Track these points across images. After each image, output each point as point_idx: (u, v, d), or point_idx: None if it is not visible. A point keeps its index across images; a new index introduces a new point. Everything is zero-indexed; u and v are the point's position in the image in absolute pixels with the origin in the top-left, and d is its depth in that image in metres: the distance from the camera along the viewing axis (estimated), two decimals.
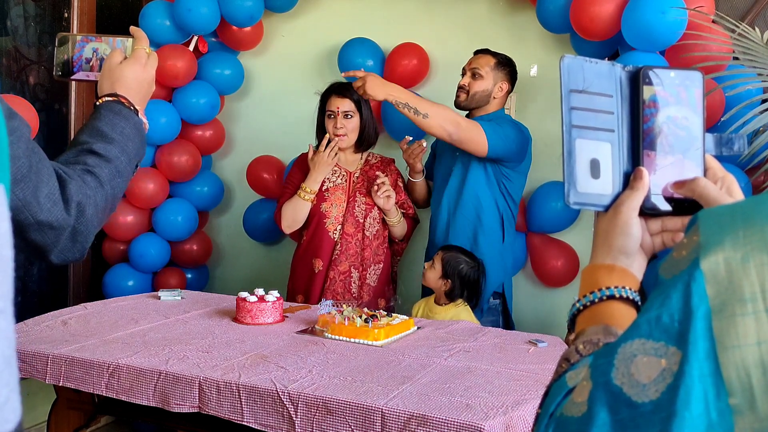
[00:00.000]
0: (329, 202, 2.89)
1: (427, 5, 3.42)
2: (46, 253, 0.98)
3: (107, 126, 1.12)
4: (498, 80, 2.86)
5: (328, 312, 2.30)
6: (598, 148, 0.78)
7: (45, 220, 0.93)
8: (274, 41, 3.71)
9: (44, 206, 0.93)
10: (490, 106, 2.87)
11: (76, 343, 2.07)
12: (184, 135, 3.50)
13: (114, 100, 1.18)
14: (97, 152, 1.08)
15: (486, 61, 2.85)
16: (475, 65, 2.85)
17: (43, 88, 3.31)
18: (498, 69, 2.85)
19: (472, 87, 2.84)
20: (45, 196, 0.93)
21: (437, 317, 2.66)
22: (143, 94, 1.23)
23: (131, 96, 1.20)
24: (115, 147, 1.10)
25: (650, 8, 2.51)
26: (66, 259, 1.01)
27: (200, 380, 1.83)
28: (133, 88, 1.21)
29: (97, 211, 1.02)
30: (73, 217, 0.98)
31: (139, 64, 1.23)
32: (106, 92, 1.20)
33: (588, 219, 3.22)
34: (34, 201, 0.91)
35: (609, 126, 0.78)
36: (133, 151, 1.14)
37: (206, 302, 2.70)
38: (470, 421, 1.56)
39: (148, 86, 1.25)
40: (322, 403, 1.69)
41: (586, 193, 0.77)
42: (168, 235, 3.47)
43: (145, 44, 1.26)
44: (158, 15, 3.29)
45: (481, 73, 2.83)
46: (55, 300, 3.37)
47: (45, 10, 3.30)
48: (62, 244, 0.98)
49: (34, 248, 0.96)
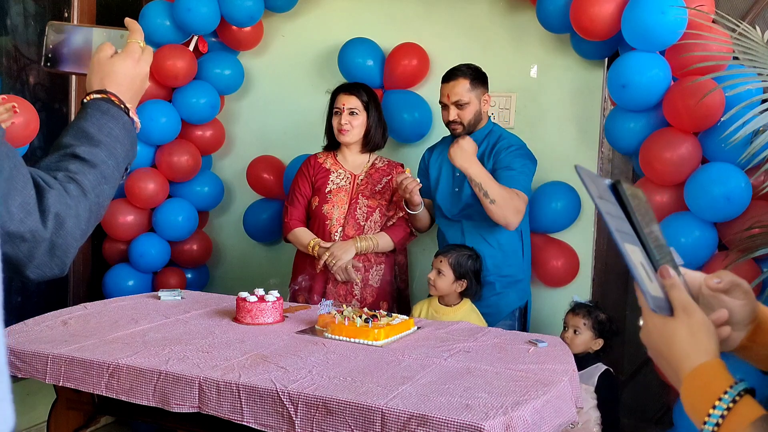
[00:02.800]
0: (331, 203, 2.89)
1: (427, 5, 3.42)
2: (21, 267, 0.89)
3: (93, 127, 1.03)
4: (479, 96, 2.83)
5: (328, 312, 2.30)
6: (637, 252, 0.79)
7: (16, 231, 0.85)
8: (274, 41, 3.72)
9: (15, 216, 0.84)
10: (483, 121, 2.87)
11: (76, 343, 2.07)
12: (184, 135, 3.50)
13: (103, 98, 1.08)
14: (82, 156, 0.99)
15: (462, 87, 2.79)
16: (455, 97, 2.79)
17: (43, 88, 3.31)
18: (474, 86, 2.80)
19: (463, 118, 2.81)
20: (18, 205, 0.85)
21: (445, 318, 2.65)
22: (135, 91, 1.13)
23: (122, 93, 1.10)
24: (101, 150, 1.01)
25: (650, 8, 2.51)
26: (44, 275, 0.92)
27: (200, 380, 1.83)
28: (124, 85, 1.10)
29: (78, 223, 0.93)
30: (50, 230, 0.89)
31: (132, 59, 1.12)
32: (95, 88, 1.10)
33: (588, 219, 3.22)
34: (4, 210, 0.83)
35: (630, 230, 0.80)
36: (122, 154, 1.05)
37: (206, 302, 2.70)
38: (470, 421, 1.56)
39: (141, 83, 1.14)
40: (322, 403, 1.69)
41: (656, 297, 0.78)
42: (168, 235, 3.47)
43: (140, 38, 1.16)
44: (158, 15, 3.29)
45: (465, 101, 2.79)
46: (55, 300, 3.37)
47: (45, 9, 3.30)
48: (39, 258, 0.89)
49: (7, 262, 0.87)
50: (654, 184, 2.71)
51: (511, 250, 2.85)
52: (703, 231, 2.55)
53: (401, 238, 2.93)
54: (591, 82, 3.20)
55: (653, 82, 2.61)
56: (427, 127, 3.39)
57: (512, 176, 2.72)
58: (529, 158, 2.83)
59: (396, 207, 2.95)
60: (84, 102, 1.09)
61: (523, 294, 2.91)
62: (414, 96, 3.38)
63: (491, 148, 2.82)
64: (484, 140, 2.85)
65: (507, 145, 2.80)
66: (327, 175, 2.94)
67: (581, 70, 3.20)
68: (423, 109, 3.36)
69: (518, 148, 2.82)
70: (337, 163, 2.97)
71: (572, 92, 3.22)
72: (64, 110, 3.42)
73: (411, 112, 3.35)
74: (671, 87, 2.62)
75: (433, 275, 2.69)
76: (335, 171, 2.95)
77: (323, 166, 2.97)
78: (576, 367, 2.06)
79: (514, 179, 2.71)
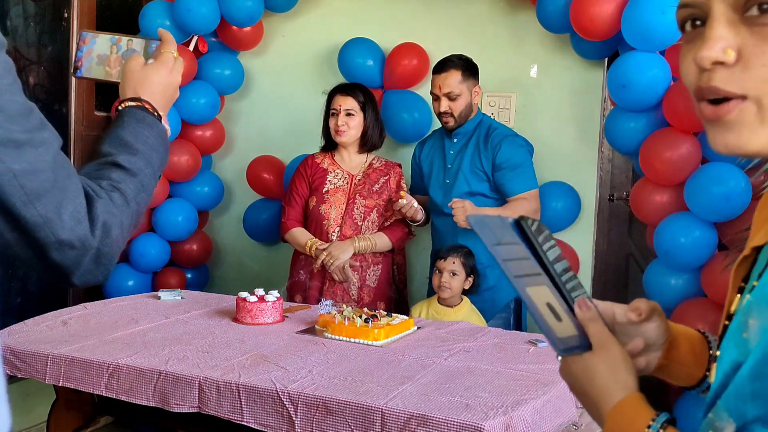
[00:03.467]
0: (328, 203, 2.89)
1: (427, 5, 3.42)
2: (68, 274, 0.91)
3: (131, 135, 1.05)
4: (471, 88, 2.85)
5: (328, 312, 2.30)
6: (543, 292, 0.77)
7: (66, 239, 0.86)
8: (274, 41, 3.72)
9: (67, 224, 0.86)
10: (473, 112, 2.90)
11: (75, 343, 2.07)
12: (184, 135, 3.50)
13: (138, 106, 1.11)
14: (122, 165, 1.01)
15: (454, 78, 2.81)
16: (447, 89, 2.81)
17: (43, 89, 3.31)
18: (465, 78, 2.83)
19: (454, 109, 2.83)
20: (70, 213, 0.86)
21: (447, 319, 2.64)
22: (167, 100, 1.17)
23: (155, 101, 1.13)
24: (139, 159, 1.03)
25: (650, 8, 2.51)
26: (88, 282, 0.94)
27: (200, 380, 1.83)
28: (157, 93, 1.14)
29: (122, 231, 0.96)
30: (97, 239, 0.91)
31: (166, 68, 1.17)
32: (129, 96, 1.13)
33: (588, 219, 3.22)
34: (56, 218, 0.85)
35: (536, 270, 0.78)
36: (158, 163, 1.07)
37: (206, 302, 2.70)
38: (470, 421, 1.56)
39: (173, 92, 1.18)
40: (322, 403, 1.69)
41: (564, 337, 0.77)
42: (168, 235, 3.47)
43: (173, 48, 1.20)
44: (158, 15, 3.29)
45: (456, 92, 2.81)
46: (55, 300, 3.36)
47: (45, 9, 3.30)
48: (85, 266, 0.91)
49: (55, 269, 0.89)
50: (654, 184, 2.71)
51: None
52: (703, 231, 2.55)
53: (399, 237, 2.94)
54: (591, 82, 3.19)
55: (653, 82, 2.61)
56: (427, 127, 3.39)
57: (516, 177, 2.80)
58: (525, 147, 2.88)
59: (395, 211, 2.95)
60: (119, 109, 1.11)
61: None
62: (414, 96, 3.38)
63: (484, 137, 2.85)
64: (475, 131, 2.89)
65: (502, 135, 2.84)
66: (324, 175, 2.94)
67: (581, 70, 3.20)
68: (423, 109, 3.36)
69: (513, 138, 2.87)
70: (334, 163, 2.97)
71: (572, 92, 3.22)
72: (64, 111, 3.41)
73: (411, 112, 3.35)
74: (671, 87, 2.62)
75: (447, 277, 2.67)
76: (333, 171, 2.95)
77: (321, 166, 2.97)
78: None
79: (519, 180, 2.80)
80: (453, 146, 2.92)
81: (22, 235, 0.83)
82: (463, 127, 2.87)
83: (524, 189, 2.81)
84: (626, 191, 3.17)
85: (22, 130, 0.78)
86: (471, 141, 2.87)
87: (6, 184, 0.78)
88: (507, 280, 2.67)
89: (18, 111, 0.78)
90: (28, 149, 0.80)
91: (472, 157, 2.85)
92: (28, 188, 0.81)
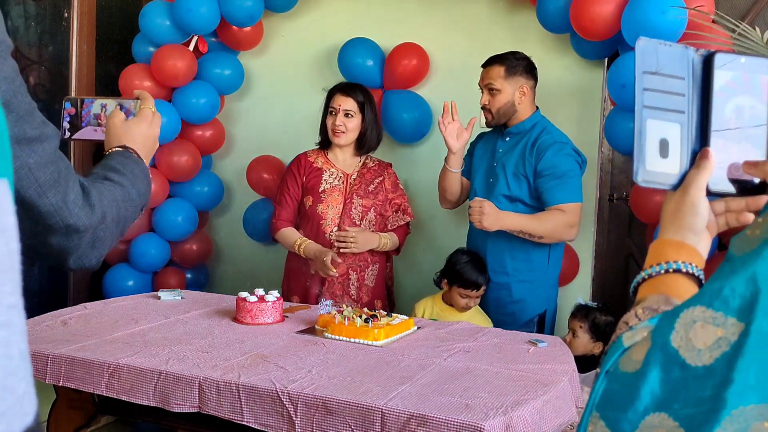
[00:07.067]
0: (325, 203, 2.89)
1: (427, 5, 3.42)
2: (65, 257, 0.99)
3: (119, 164, 1.18)
4: (516, 86, 2.71)
5: (328, 312, 2.30)
6: (668, 129, 0.81)
7: (73, 224, 0.95)
8: (274, 41, 3.72)
9: (73, 211, 0.95)
10: (521, 114, 2.74)
11: (76, 343, 2.07)
12: (184, 135, 3.50)
13: (123, 150, 1.24)
14: (111, 179, 1.12)
15: (497, 73, 2.71)
16: (488, 80, 2.73)
17: (44, 89, 3.31)
18: (511, 75, 2.71)
19: (492, 105, 2.72)
20: (72, 201, 0.95)
21: (452, 318, 2.64)
22: (148, 149, 1.30)
23: (138, 150, 1.26)
24: (126, 179, 1.14)
25: (650, 8, 2.51)
26: (82, 265, 1.03)
27: (200, 380, 1.83)
28: (139, 143, 1.28)
29: (115, 222, 1.05)
30: (95, 222, 1.00)
31: (146, 122, 1.31)
32: (114, 146, 1.26)
33: (588, 219, 3.22)
34: (64, 206, 0.93)
35: (680, 108, 0.81)
36: (143, 189, 1.18)
37: (206, 302, 2.70)
38: (470, 421, 1.56)
39: (153, 143, 1.32)
40: (321, 403, 1.69)
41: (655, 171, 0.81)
42: (168, 235, 3.47)
43: (151, 104, 1.35)
44: (158, 15, 3.29)
45: (496, 87, 2.70)
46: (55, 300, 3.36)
47: (45, 10, 3.30)
48: (82, 249, 1.00)
49: (55, 252, 0.98)
50: None
51: (536, 254, 2.71)
52: None
53: (404, 238, 2.99)
54: (591, 82, 3.19)
55: None
56: (427, 127, 3.39)
57: (558, 186, 2.62)
58: (573, 156, 2.69)
59: (403, 213, 2.96)
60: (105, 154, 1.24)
61: (542, 301, 2.76)
62: (414, 96, 3.38)
63: (533, 141, 2.70)
64: (528, 133, 2.74)
65: (551, 141, 2.68)
66: (319, 175, 2.92)
67: (581, 70, 3.20)
68: (423, 109, 3.36)
69: (562, 145, 2.69)
70: (328, 162, 2.96)
71: (572, 92, 3.22)
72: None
73: (411, 112, 3.35)
74: None
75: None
76: (327, 170, 2.93)
77: (314, 165, 2.95)
78: (576, 368, 2.07)
79: (561, 189, 2.62)
80: (504, 145, 2.78)
81: (33, 224, 0.91)
82: (515, 127, 2.75)
83: (564, 200, 2.61)
84: (626, 191, 3.17)
85: (32, 127, 0.85)
86: (521, 143, 2.72)
87: (23, 177, 0.86)
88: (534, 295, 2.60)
89: (26, 110, 0.83)
90: (38, 144, 0.87)
91: (517, 160, 2.71)
92: (42, 180, 0.89)
